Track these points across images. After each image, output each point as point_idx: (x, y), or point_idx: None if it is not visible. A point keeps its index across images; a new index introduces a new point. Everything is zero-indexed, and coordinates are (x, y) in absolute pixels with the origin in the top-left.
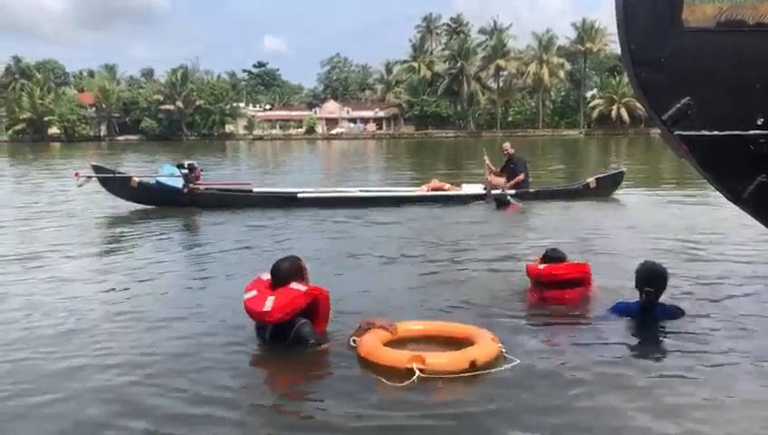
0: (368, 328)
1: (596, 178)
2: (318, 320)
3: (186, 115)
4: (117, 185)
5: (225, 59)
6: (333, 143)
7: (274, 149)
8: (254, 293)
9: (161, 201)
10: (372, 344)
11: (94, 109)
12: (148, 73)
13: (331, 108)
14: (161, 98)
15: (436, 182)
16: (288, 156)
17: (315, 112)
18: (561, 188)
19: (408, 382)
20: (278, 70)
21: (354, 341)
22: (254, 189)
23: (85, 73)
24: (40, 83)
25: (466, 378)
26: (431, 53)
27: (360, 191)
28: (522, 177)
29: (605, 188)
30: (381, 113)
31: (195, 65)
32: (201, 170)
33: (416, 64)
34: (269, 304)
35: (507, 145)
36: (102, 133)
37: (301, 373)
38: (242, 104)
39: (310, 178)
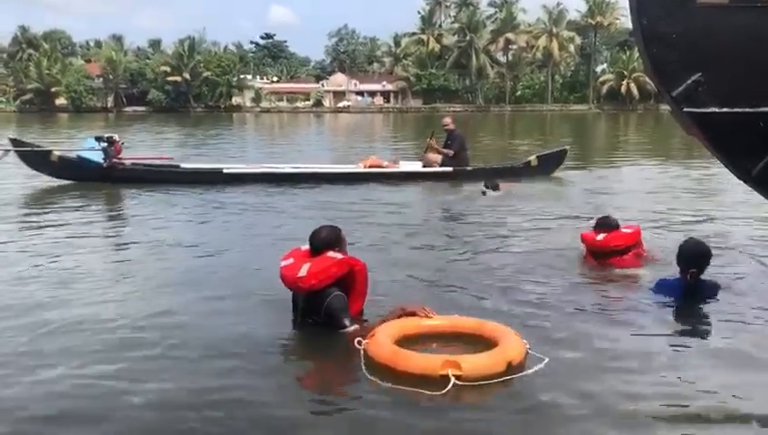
0: (400, 315)
1: (537, 157)
2: (354, 295)
3: (193, 87)
4: (36, 160)
5: (233, 30)
6: (340, 117)
7: (281, 123)
8: (290, 261)
9: (83, 176)
10: (388, 347)
11: (101, 80)
12: (156, 44)
13: (339, 80)
14: (168, 69)
15: (373, 159)
16: (294, 129)
17: (323, 85)
18: (501, 167)
19: (443, 392)
20: (285, 42)
21: (360, 342)
22: (182, 165)
23: (92, 44)
24: (47, 53)
25: (498, 382)
26: (440, 26)
27: (294, 167)
28: (451, 152)
29: (547, 167)
30: (389, 87)
31: (202, 36)
32: (122, 144)
33: (424, 37)
34: (304, 270)
35: (448, 120)
36: (109, 104)
37: (315, 380)
38: (249, 76)
39: (312, 154)
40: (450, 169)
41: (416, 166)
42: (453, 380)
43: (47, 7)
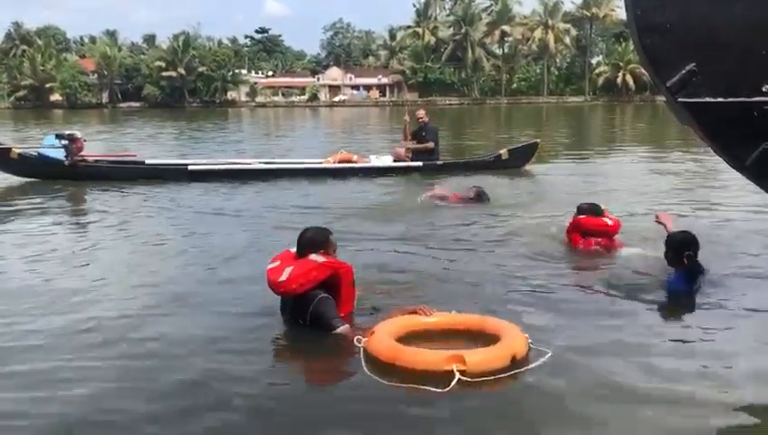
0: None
1: (508, 150)
2: (341, 300)
3: (188, 82)
4: None
5: (228, 24)
6: (336, 110)
7: (277, 117)
8: (276, 263)
9: (45, 174)
10: (390, 344)
11: (96, 75)
12: (150, 39)
13: (334, 74)
14: (163, 64)
15: (343, 154)
16: (289, 124)
17: (318, 79)
18: (471, 160)
19: (448, 388)
20: (280, 36)
21: (359, 340)
22: (147, 161)
23: (86, 39)
24: (41, 49)
25: (504, 377)
26: (435, 19)
27: (262, 163)
28: (431, 145)
29: (518, 160)
30: (385, 80)
31: (196, 31)
32: (84, 141)
33: (420, 30)
34: (285, 274)
35: (422, 112)
36: (104, 100)
37: (310, 378)
38: (244, 71)
39: (305, 148)
40: (420, 163)
41: (386, 160)
42: (458, 375)
43: (40, 2)
